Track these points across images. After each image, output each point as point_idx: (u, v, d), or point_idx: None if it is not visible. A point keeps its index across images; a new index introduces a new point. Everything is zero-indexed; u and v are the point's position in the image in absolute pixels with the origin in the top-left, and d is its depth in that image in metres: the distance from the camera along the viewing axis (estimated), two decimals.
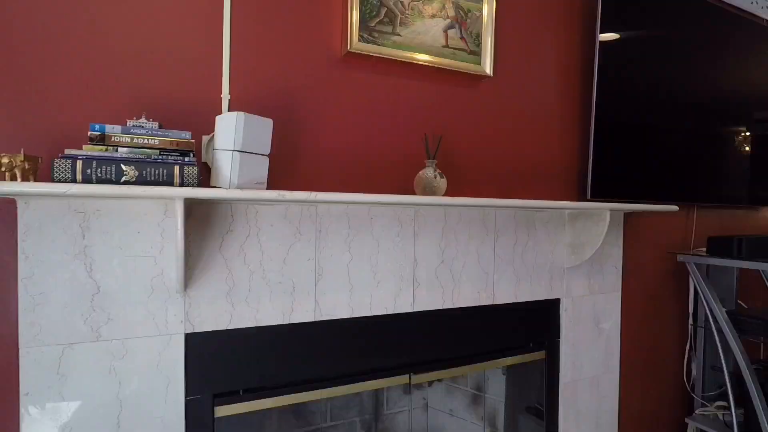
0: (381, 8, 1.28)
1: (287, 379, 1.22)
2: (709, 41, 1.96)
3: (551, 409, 1.68)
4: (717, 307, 1.79)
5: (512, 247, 1.54)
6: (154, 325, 1.06)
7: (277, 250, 1.18)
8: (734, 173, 2.11)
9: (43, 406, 0.97)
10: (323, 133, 1.28)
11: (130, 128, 0.91)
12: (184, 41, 1.12)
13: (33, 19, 0.98)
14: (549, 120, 1.67)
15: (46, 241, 0.96)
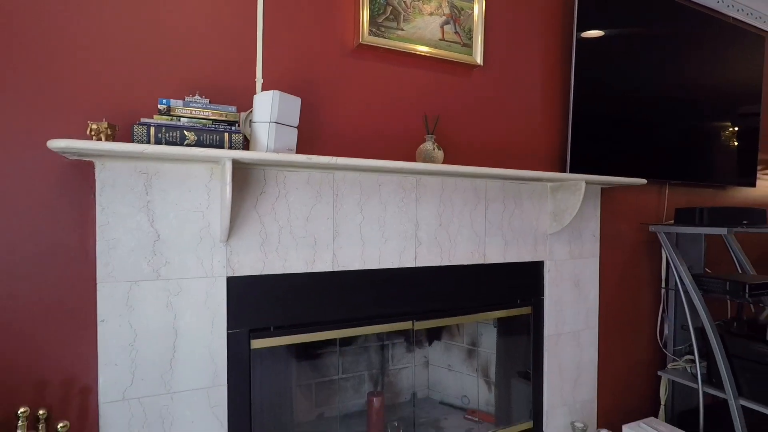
0: (387, 7, 1.51)
1: (309, 320, 1.44)
2: (678, 36, 2.19)
3: (537, 358, 1.91)
4: (684, 271, 2.03)
5: (501, 214, 1.76)
6: (202, 269, 1.28)
7: (302, 209, 1.41)
8: (701, 155, 2.34)
9: (115, 330, 1.19)
10: (339, 113, 1.50)
11: (189, 102, 1.14)
12: (225, 35, 1.34)
13: (105, 19, 1.20)
14: (533, 104, 1.90)
15: (118, 196, 1.19)
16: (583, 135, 1.89)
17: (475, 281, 1.73)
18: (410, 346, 2.04)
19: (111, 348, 1.19)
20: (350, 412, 1.87)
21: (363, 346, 1.91)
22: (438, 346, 2.09)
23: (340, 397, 1.86)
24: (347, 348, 1.88)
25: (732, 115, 2.44)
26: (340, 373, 1.92)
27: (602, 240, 2.07)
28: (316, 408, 1.81)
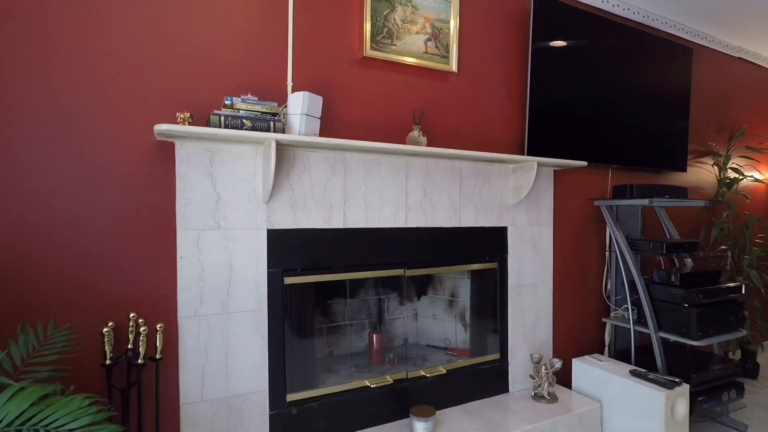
0: (384, 27, 1.99)
1: (326, 264, 1.91)
2: (618, 47, 2.70)
3: (503, 305, 2.40)
4: (620, 237, 2.54)
5: (472, 188, 2.25)
6: (249, 222, 1.74)
7: (320, 181, 1.87)
8: (640, 144, 2.85)
9: (189, 265, 1.65)
10: (348, 108, 1.98)
11: (244, 99, 1.60)
12: (266, 51, 1.80)
13: (186, 43, 1.66)
14: (498, 101, 2.39)
15: (191, 168, 1.64)
16: (538, 126, 2.39)
17: (452, 240, 2.22)
18: (402, 299, 2.51)
19: (186, 278, 1.65)
20: (354, 352, 2.33)
21: (364, 299, 2.38)
22: (425, 299, 2.56)
23: (347, 339, 2.33)
24: (352, 300, 2.35)
25: (666, 112, 2.96)
26: (347, 320, 2.39)
27: (556, 211, 2.57)
28: (328, 347, 2.27)
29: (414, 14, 2.07)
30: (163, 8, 1.63)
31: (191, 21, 1.68)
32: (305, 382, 1.92)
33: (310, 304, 2.00)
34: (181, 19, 1.66)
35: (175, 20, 1.65)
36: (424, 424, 1.94)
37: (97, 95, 1.54)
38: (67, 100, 1.50)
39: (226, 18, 1.74)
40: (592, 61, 2.59)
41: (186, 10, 1.67)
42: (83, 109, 1.52)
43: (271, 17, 1.82)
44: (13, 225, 1.42)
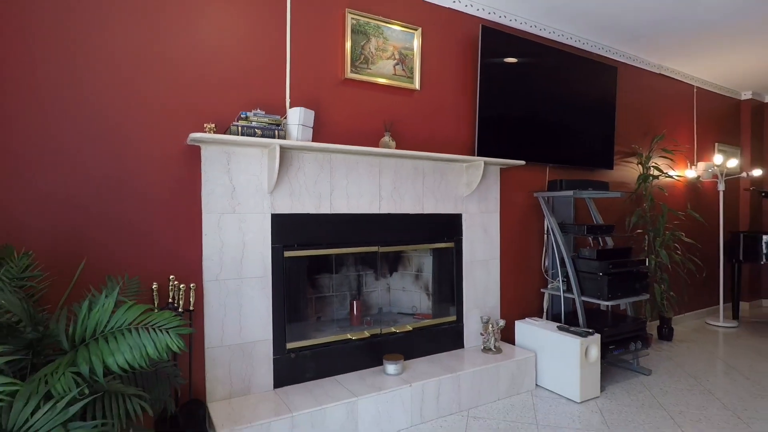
0: (361, 55, 2.51)
1: (317, 241, 2.43)
2: (554, 65, 3.29)
3: (458, 277, 2.96)
4: (553, 221, 3.14)
5: (433, 182, 2.80)
6: (257, 208, 2.24)
7: (312, 176, 2.38)
8: (574, 146, 3.46)
9: (212, 240, 2.13)
10: (334, 119, 2.49)
11: (255, 113, 2.10)
12: (269, 74, 2.30)
13: (208, 69, 2.14)
14: (453, 111, 2.95)
15: (213, 165, 2.13)
16: (485, 131, 2.95)
17: (417, 224, 2.76)
18: (377, 275, 3.04)
19: (209, 250, 2.14)
20: (339, 317, 2.85)
21: (346, 275, 2.90)
22: (396, 275, 3.10)
23: (333, 305, 2.84)
24: (337, 275, 2.86)
25: (595, 119, 3.58)
26: (333, 291, 2.90)
27: (502, 201, 3.15)
28: (317, 311, 2.78)
29: (385, 44, 2.60)
30: (192, 47, 2.11)
31: (211, 54, 2.16)
32: (301, 334, 2.43)
33: (304, 273, 2.51)
34: (205, 53, 2.15)
35: (200, 55, 2.14)
36: (394, 366, 2.49)
37: (141, 111, 2.01)
38: (120, 118, 1.97)
39: (238, 50, 2.23)
40: (532, 78, 3.18)
41: (207, 47, 2.15)
42: (131, 123, 1.99)
43: (272, 49, 2.32)
44: (93, 213, 1.89)
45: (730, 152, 4.99)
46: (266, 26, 2.30)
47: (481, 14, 3.03)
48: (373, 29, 2.57)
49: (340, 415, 2.15)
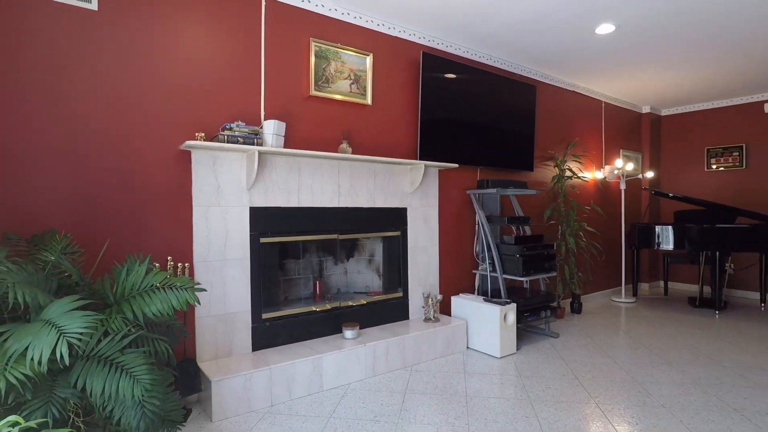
0: (323, 76, 3.04)
1: (286, 230, 2.94)
2: (479, 82, 3.96)
3: (404, 261, 3.56)
4: (482, 214, 3.80)
5: (383, 181, 3.38)
6: (238, 202, 2.72)
7: (283, 176, 2.89)
8: (501, 151, 4.15)
9: (200, 228, 2.59)
10: (301, 129, 3.01)
11: (237, 124, 2.58)
12: (247, 91, 2.78)
13: (200, 89, 2.60)
14: (400, 122, 3.54)
15: (202, 167, 2.59)
16: (426, 138, 3.56)
17: (370, 216, 3.33)
18: (336, 260, 3.58)
19: (198, 236, 2.60)
20: (305, 295, 3.36)
21: (310, 259, 3.42)
22: (352, 260, 3.66)
23: (300, 285, 3.35)
24: (303, 260, 3.37)
25: (518, 129, 4.30)
26: (299, 274, 3.41)
27: (441, 197, 3.78)
28: (287, 290, 3.28)
29: (342, 66, 3.15)
30: (182, 68, 2.56)
31: (198, 74, 2.62)
32: (274, 306, 2.93)
33: (276, 256, 3.01)
34: (193, 73, 2.60)
35: (189, 74, 2.59)
36: (351, 332, 3.04)
37: (145, 122, 2.44)
38: (125, 129, 2.39)
39: (221, 71, 2.70)
40: (465, 94, 3.83)
41: (195, 68, 2.61)
42: (134, 133, 2.42)
43: (250, 71, 2.80)
44: (104, 207, 2.30)
45: (632, 157, 5.94)
46: (244, 52, 2.78)
47: (422, 42, 3.65)
48: (333, 54, 3.10)
49: (307, 368, 2.68)
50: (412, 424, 2.32)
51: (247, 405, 2.45)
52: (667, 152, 6.38)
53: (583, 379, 2.94)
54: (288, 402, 2.59)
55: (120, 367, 1.54)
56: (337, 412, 2.46)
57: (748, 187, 5.66)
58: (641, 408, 2.50)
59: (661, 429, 2.26)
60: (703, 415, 2.41)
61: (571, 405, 2.54)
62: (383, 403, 2.57)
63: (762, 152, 5.54)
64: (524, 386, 2.81)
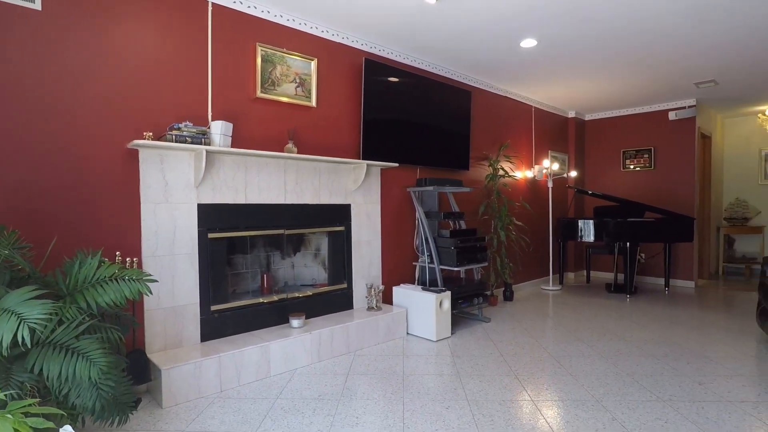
0: (269, 78, 3.20)
1: (234, 226, 3.08)
2: (419, 86, 4.25)
3: (348, 254, 3.79)
4: (421, 210, 4.10)
5: (328, 179, 3.59)
6: (186, 199, 2.84)
7: (230, 174, 3.03)
8: (440, 151, 4.47)
9: (149, 224, 2.69)
10: (248, 129, 3.15)
11: (185, 124, 2.69)
12: (195, 94, 2.89)
13: (152, 90, 2.68)
14: (344, 123, 3.76)
15: (150, 165, 2.68)
16: (368, 139, 3.80)
17: (315, 212, 3.53)
18: (283, 255, 3.75)
19: (147, 232, 2.69)
20: (253, 289, 3.51)
21: (258, 254, 3.57)
22: (299, 255, 3.84)
23: (248, 279, 3.49)
24: (251, 255, 3.51)
25: (455, 131, 4.64)
26: (247, 268, 3.54)
27: (383, 194, 4.05)
28: (235, 283, 3.41)
29: (288, 70, 3.32)
30: (129, 70, 2.64)
31: (145, 75, 2.71)
32: (222, 299, 3.07)
33: (224, 251, 3.14)
34: (140, 74, 2.68)
35: (136, 75, 2.67)
36: (297, 321, 3.24)
37: (92, 121, 2.50)
38: (72, 128, 2.45)
39: (168, 74, 2.79)
40: (406, 98, 4.11)
41: (142, 70, 2.70)
42: (80, 132, 2.48)
43: (197, 72, 2.91)
44: (54, 205, 2.35)
45: (559, 158, 6.51)
46: (192, 55, 2.89)
47: (365, 48, 3.88)
48: (279, 59, 3.27)
49: (255, 355, 2.85)
50: (353, 399, 2.56)
51: (197, 391, 2.59)
52: (589, 153, 7.03)
53: (507, 356, 3.31)
54: (237, 387, 2.75)
55: (76, 351, 1.66)
56: (283, 393, 2.65)
57: (656, 186, 6.38)
58: (552, 377, 2.89)
59: (566, 392, 2.64)
60: (601, 380, 2.83)
61: (494, 378, 2.88)
62: (327, 383, 2.80)
63: (667, 155, 6.27)
64: (455, 364, 3.13)
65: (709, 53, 4.23)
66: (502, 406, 2.47)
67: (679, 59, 4.39)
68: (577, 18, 3.44)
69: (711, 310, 4.75)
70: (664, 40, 3.88)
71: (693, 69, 4.71)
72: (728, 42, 3.94)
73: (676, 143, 6.17)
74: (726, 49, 4.13)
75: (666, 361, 3.15)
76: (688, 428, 2.20)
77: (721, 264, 7.19)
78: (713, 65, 4.59)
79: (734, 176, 7.31)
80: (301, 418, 2.34)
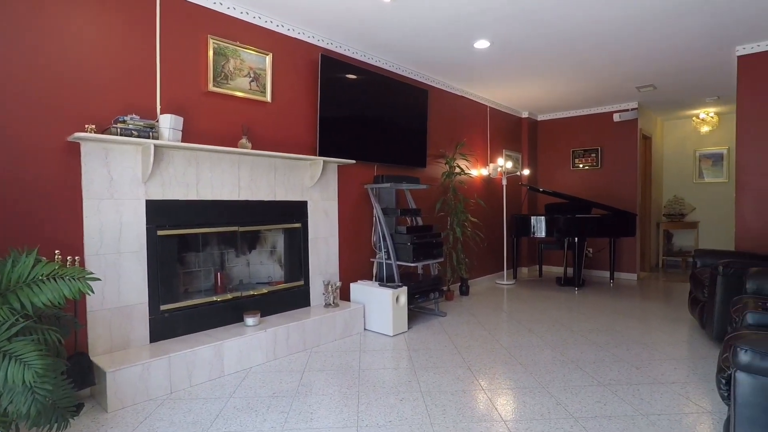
0: (222, 72, 3.13)
1: (186, 223, 2.99)
2: (375, 83, 4.28)
3: (305, 251, 3.77)
4: (378, 207, 4.14)
5: (284, 175, 3.55)
6: (133, 195, 2.73)
7: (181, 169, 2.94)
8: (398, 149, 4.52)
9: (92, 222, 2.57)
10: (200, 124, 3.07)
11: (131, 117, 2.59)
12: (143, 87, 2.78)
13: (95, 81, 2.56)
14: (300, 118, 3.73)
15: (93, 159, 2.57)
16: (325, 135, 3.79)
17: (271, 209, 3.49)
18: (238, 253, 3.68)
19: (90, 230, 2.57)
20: (206, 288, 3.42)
21: (210, 253, 3.48)
22: (254, 252, 3.78)
23: (201, 278, 3.40)
24: (204, 253, 3.42)
25: (412, 128, 4.70)
26: (200, 267, 3.45)
27: (340, 191, 4.05)
28: (188, 282, 3.32)
29: (242, 65, 3.26)
30: (70, 60, 2.51)
31: (88, 66, 2.59)
32: (173, 298, 2.98)
33: (175, 248, 3.05)
34: (82, 65, 2.56)
35: (78, 66, 2.54)
36: (252, 319, 3.19)
37: (29, 112, 2.36)
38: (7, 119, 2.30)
39: (113, 63, 2.68)
40: (363, 95, 4.12)
41: (85, 60, 2.57)
42: (17, 122, 2.33)
43: (144, 63, 2.81)
44: None
45: (513, 156, 6.73)
46: (139, 45, 2.78)
47: (321, 44, 3.86)
48: (232, 52, 3.20)
49: (208, 355, 2.79)
50: (309, 395, 2.56)
51: (145, 393, 2.50)
52: (542, 152, 7.30)
53: (462, 348, 3.40)
54: (188, 388, 2.68)
55: (8, 354, 1.57)
56: (237, 392, 2.61)
57: (602, 184, 6.72)
58: (503, 366, 3.00)
59: (515, 381, 2.75)
60: (548, 368, 2.96)
61: (447, 369, 2.96)
62: (283, 381, 2.78)
63: (612, 154, 6.62)
64: (411, 358, 3.19)
65: (648, 59, 4.50)
66: (455, 396, 2.54)
67: (622, 64, 4.65)
68: (527, 21, 3.57)
69: (650, 300, 5.07)
70: (608, 45, 4.09)
71: (634, 73, 4.99)
72: (666, 49, 4.21)
73: (620, 144, 6.52)
74: (663, 56, 4.40)
75: (608, 349, 3.34)
76: (624, 409, 2.35)
77: (661, 257, 7.67)
78: (652, 71, 4.88)
79: (672, 175, 7.81)
80: (255, 416, 2.31)
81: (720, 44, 4.10)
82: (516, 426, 2.19)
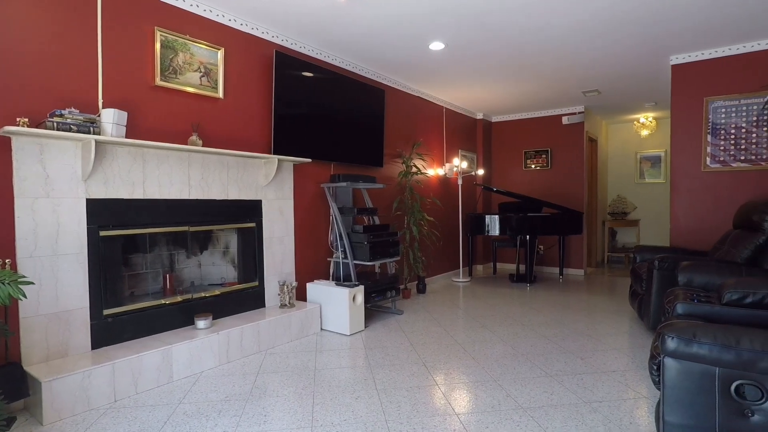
0: (170, 66, 3.01)
1: (131, 223, 2.86)
2: (332, 82, 4.26)
3: (260, 251, 3.69)
4: (335, 206, 4.12)
5: (236, 174, 3.47)
6: (72, 193, 2.58)
7: (125, 167, 2.80)
8: (354, 148, 4.52)
9: (25, 222, 2.41)
10: (146, 119, 2.94)
11: (70, 111, 2.44)
12: (80, 78, 2.63)
13: (32, 70, 2.38)
14: (254, 116, 3.65)
15: (25, 155, 2.40)
16: (280, 133, 3.74)
17: (223, 208, 3.39)
18: (189, 253, 3.55)
19: (23, 231, 2.40)
20: (155, 290, 3.28)
21: (159, 254, 3.34)
22: (206, 253, 3.66)
23: (148, 280, 3.26)
24: (152, 254, 3.28)
25: (369, 128, 4.71)
26: (147, 268, 3.30)
27: (296, 190, 4.00)
28: (133, 285, 3.17)
29: (192, 59, 3.15)
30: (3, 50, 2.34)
31: (20, 56, 2.42)
32: (118, 301, 2.84)
33: (119, 249, 2.90)
34: (13, 54, 2.39)
35: (8, 56, 2.37)
36: (203, 321, 3.10)
37: None
38: None
39: (49, 54, 2.52)
40: (318, 93, 4.09)
41: (16, 49, 2.40)
42: None
43: (84, 54, 2.66)
44: None
45: (468, 157, 6.89)
46: (78, 35, 2.63)
47: (276, 41, 3.80)
48: (181, 45, 3.09)
49: (156, 360, 2.68)
50: (262, 398, 2.51)
51: (85, 403, 2.37)
52: (496, 153, 7.52)
53: (417, 345, 3.45)
54: (134, 396, 2.56)
55: None
56: (187, 398, 2.53)
57: (552, 184, 7.00)
58: (457, 361, 3.07)
59: (468, 375, 2.82)
60: (500, 362, 3.06)
61: (403, 366, 2.99)
62: (236, 384, 2.71)
63: (561, 155, 6.91)
64: (367, 356, 3.20)
65: (592, 65, 4.73)
66: (410, 392, 2.57)
67: (567, 69, 4.86)
68: (479, 24, 3.66)
69: (596, 294, 5.34)
70: (554, 51, 4.27)
71: (580, 78, 5.24)
72: (608, 56, 4.44)
73: (568, 145, 6.82)
74: (606, 63, 4.65)
75: (555, 341, 3.49)
76: (569, 398, 2.46)
77: (606, 254, 8.10)
78: (596, 76, 5.14)
79: (616, 176, 8.25)
80: (206, 422, 2.25)
81: (656, 53, 4.38)
82: (468, 419, 2.24)
